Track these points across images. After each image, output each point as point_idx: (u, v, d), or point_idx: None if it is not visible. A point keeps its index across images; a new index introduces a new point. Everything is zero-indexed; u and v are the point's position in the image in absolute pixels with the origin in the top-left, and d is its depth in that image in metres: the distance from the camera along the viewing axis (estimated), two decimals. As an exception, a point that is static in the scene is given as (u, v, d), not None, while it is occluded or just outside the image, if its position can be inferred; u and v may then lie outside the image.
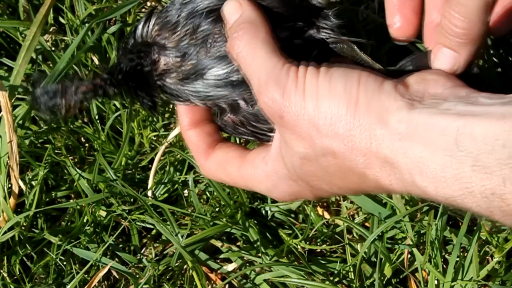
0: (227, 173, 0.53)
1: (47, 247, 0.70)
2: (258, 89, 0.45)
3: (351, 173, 0.44)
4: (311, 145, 0.44)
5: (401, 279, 0.69)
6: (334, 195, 0.49)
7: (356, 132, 0.42)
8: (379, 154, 0.41)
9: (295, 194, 0.49)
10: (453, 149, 0.38)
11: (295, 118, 0.44)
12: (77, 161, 0.76)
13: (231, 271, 0.70)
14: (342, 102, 0.42)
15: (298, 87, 0.44)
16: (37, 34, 0.71)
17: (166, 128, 0.76)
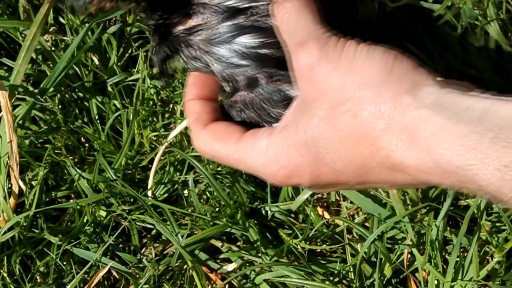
0: (223, 143, 0.50)
1: (47, 247, 0.70)
2: (297, 42, 0.46)
3: (364, 139, 0.43)
4: (333, 102, 0.44)
5: (401, 279, 0.69)
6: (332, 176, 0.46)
7: (383, 94, 0.42)
8: (401, 119, 0.41)
9: (293, 169, 0.47)
10: (476, 123, 0.39)
11: (326, 73, 0.44)
12: (77, 161, 0.76)
13: (231, 271, 0.70)
14: (377, 65, 0.43)
15: (338, 47, 0.44)
16: (37, 34, 0.71)
17: (166, 128, 0.76)
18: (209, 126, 0.52)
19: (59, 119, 0.75)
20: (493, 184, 0.38)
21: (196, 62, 0.52)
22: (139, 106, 0.74)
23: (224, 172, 0.71)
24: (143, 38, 0.80)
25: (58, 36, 0.79)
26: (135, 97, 0.74)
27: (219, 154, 0.51)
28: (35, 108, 0.75)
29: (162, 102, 0.77)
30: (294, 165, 0.47)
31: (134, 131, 0.74)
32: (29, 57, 0.71)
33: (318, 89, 0.44)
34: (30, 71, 0.77)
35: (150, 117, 0.75)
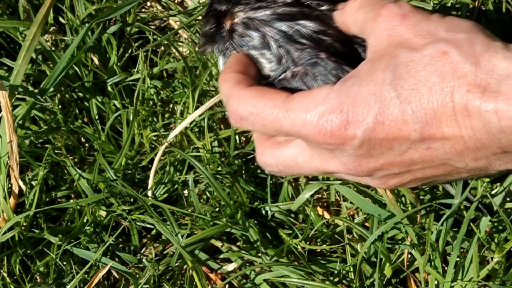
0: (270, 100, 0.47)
1: (47, 247, 0.70)
2: (387, 3, 0.47)
3: (447, 80, 0.42)
4: (422, 42, 0.44)
5: (401, 279, 0.69)
6: (393, 127, 0.43)
7: (475, 41, 0.43)
8: (489, 63, 0.42)
9: (354, 113, 0.44)
10: None
11: (419, 19, 0.45)
12: (77, 161, 0.76)
13: (231, 271, 0.70)
14: (469, 23, 0.45)
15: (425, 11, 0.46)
16: (37, 34, 0.71)
17: (166, 128, 0.76)
18: (253, 87, 0.49)
19: (59, 119, 0.75)
20: None
21: (254, 31, 0.53)
22: (139, 106, 0.74)
23: (224, 172, 0.71)
24: (143, 38, 0.80)
25: (58, 36, 0.79)
26: (135, 97, 0.74)
27: (262, 110, 0.47)
28: (35, 108, 0.75)
29: (162, 102, 0.77)
30: (359, 107, 0.44)
31: (134, 131, 0.74)
32: (29, 57, 0.71)
33: (404, 36, 0.45)
34: (30, 71, 0.77)
35: (150, 117, 0.75)
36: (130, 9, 0.77)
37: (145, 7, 0.82)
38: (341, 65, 0.50)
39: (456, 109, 0.42)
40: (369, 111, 0.44)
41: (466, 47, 0.43)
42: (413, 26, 0.45)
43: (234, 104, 0.48)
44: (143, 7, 0.82)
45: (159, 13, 0.81)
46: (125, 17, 0.79)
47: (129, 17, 0.80)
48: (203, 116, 0.72)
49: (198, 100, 0.73)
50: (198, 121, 0.74)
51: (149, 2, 0.82)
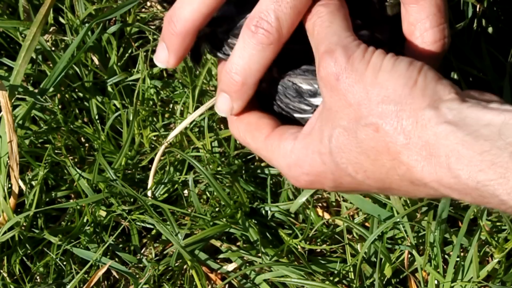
0: (253, 138, 0.51)
1: (47, 247, 0.70)
2: (325, 49, 0.45)
3: (386, 153, 0.43)
4: (356, 114, 0.44)
5: (401, 279, 0.69)
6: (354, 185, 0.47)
7: (406, 108, 0.42)
8: (422, 134, 0.41)
9: (315, 176, 0.47)
10: (496, 138, 0.39)
11: (351, 83, 0.44)
12: (77, 161, 0.76)
13: (231, 271, 0.70)
14: (401, 79, 0.43)
15: (365, 58, 0.44)
16: (37, 34, 0.71)
17: (166, 128, 0.76)
18: (242, 116, 0.52)
19: (59, 119, 0.75)
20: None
21: (220, 53, 0.52)
22: (139, 106, 0.74)
23: (224, 172, 0.71)
24: (143, 38, 0.80)
25: (58, 36, 0.79)
26: (135, 97, 0.74)
27: (249, 146, 0.52)
28: (35, 108, 0.75)
29: (162, 102, 0.77)
30: (317, 172, 0.47)
31: (134, 131, 0.74)
32: (29, 57, 0.71)
33: (342, 99, 0.44)
34: (30, 71, 0.77)
35: (150, 117, 0.75)
36: (130, 9, 0.77)
37: (145, 7, 0.82)
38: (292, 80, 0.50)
39: (404, 176, 0.43)
40: (327, 175, 0.47)
41: (395, 122, 0.42)
42: (346, 92, 0.44)
43: (232, 131, 0.53)
44: (143, 7, 0.82)
45: (159, 13, 0.81)
46: (125, 17, 0.79)
47: (129, 17, 0.80)
48: (203, 116, 0.72)
49: (198, 100, 0.73)
50: (198, 121, 0.74)
51: (149, 2, 0.82)
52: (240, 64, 0.48)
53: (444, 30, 0.49)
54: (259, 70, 0.48)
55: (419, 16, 0.49)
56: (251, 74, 0.48)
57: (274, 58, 0.48)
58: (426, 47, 0.49)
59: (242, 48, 0.48)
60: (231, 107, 0.51)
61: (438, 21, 0.49)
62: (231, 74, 0.49)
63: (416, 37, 0.49)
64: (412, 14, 0.49)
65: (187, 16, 0.48)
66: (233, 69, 0.48)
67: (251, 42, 0.47)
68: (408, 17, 0.49)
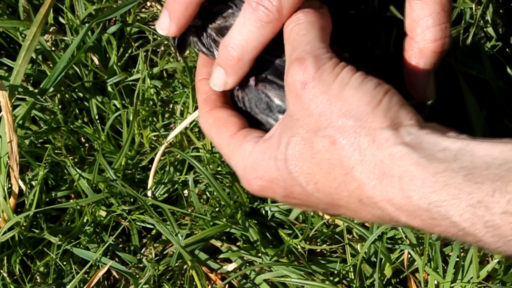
0: (218, 133, 0.51)
1: (47, 247, 0.70)
2: (296, 57, 0.45)
3: (339, 167, 0.43)
4: (316, 124, 0.44)
5: (401, 279, 0.69)
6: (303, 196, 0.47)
7: (365, 126, 0.42)
8: (377, 153, 0.42)
9: (268, 181, 0.47)
10: (450, 161, 0.39)
11: (316, 93, 0.44)
12: (77, 161, 0.76)
13: (231, 271, 0.70)
14: (366, 97, 0.43)
15: (334, 71, 0.44)
16: (37, 34, 0.71)
17: (166, 128, 0.76)
18: (213, 110, 0.52)
19: (59, 119, 0.75)
20: (466, 220, 0.38)
21: (204, 47, 0.52)
22: (139, 106, 0.74)
23: (224, 172, 0.71)
24: (143, 38, 0.80)
25: (58, 36, 0.79)
26: (135, 97, 0.74)
27: (213, 140, 0.52)
28: (35, 108, 0.75)
29: (162, 102, 0.77)
30: (270, 178, 0.47)
31: (134, 131, 0.74)
32: (29, 57, 0.71)
33: (305, 108, 0.44)
34: (30, 71, 0.77)
35: (150, 117, 0.75)
36: (130, 9, 0.77)
37: (145, 7, 0.82)
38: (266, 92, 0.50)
39: (354, 193, 0.43)
40: (279, 183, 0.47)
41: (352, 138, 0.42)
42: (310, 101, 0.44)
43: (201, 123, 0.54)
44: (143, 7, 0.82)
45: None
46: (125, 17, 0.80)
47: (129, 17, 0.80)
48: (203, 116, 0.72)
49: (198, 100, 0.73)
50: (198, 121, 0.74)
51: (149, 2, 0.82)
52: (238, 39, 0.48)
53: (446, 29, 0.49)
54: (256, 47, 0.48)
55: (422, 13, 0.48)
56: (247, 51, 0.48)
57: (272, 37, 0.48)
58: (426, 45, 0.49)
59: (242, 24, 0.47)
60: (225, 82, 0.50)
61: (441, 20, 0.49)
62: (228, 48, 0.48)
63: (417, 33, 0.49)
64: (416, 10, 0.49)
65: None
66: (230, 44, 0.48)
67: (251, 19, 0.47)
68: (412, 13, 0.49)
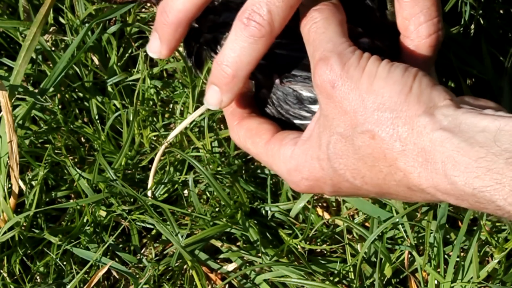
0: (253, 143, 0.51)
1: (47, 247, 0.70)
2: (320, 57, 0.45)
3: (383, 159, 0.43)
4: (352, 121, 0.44)
5: (401, 279, 0.69)
6: (353, 190, 0.47)
7: (401, 115, 0.43)
8: (418, 141, 0.42)
9: (314, 181, 0.48)
10: (491, 144, 0.39)
11: (346, 91, 0.44)
12: (77, 161, 0.76)
13: (231, 271, 0.70)
14: (396, 86, 0.43)
15: (360, 64, 0.44)
16: (37, 34, 0.71)
17: (166, 128, 0.76)
18: (243, 122, 0.52)
19: (59, 119, 0.75)
20: (509, 204, 0.38)
21: None
22: (139, 106, 0.74)
23: (224, 172, 0.71)
24: (143, 38, 0.80)
25: (58, 36, 0.79)
26: (135, 97, 0.74)
27: (250, 151, 0.52)
28: (35, 108, 0.75)
29: (162, 102, 0.77)
30: (316, 177, 0.48)
31: (134, 131, 0.74)
32: (29, 57, 0.71)
33: (338, 106, 0.45)
34: (30, 71, 0.77)
35: (150, 117, 0.75)
36: (130, 9, 0.77)
37: (145, 7, 0.82)
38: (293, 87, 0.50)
39: (401, 181, 0.44)
40: (326, 180, 0.47)
41: (391, 130, 0.43)
42: (342, 99, 0.44)
43: (232, 136, 0.53)
44: (143, 7, 0.82)
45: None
46: (125, 17, 0.79)
47: (129, 17, 0.80)
48: (203, 116, 0.72)
49: (198, 100, 0.73)
50: (198, 121, 0.74)
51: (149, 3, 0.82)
52: (232, 56, 0.47)
53: (439, 23, 0.49)
54: (250, 63, 0.48)
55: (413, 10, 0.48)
56: (242, 67, 0.48)
57: (265, 51, 0.47)
58: (422, 41, 0.49)
59: (234, 40, 0.47)
60: (220, 100, 0.50)
61: (432, 15, 0.49)
62: (222, 66, 0.48)
63: (411, 31, 0.49)
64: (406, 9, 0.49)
65: (180, 6, 0.48)
66: (224, 61, 0.48)
67: (243, 35, 0.47)
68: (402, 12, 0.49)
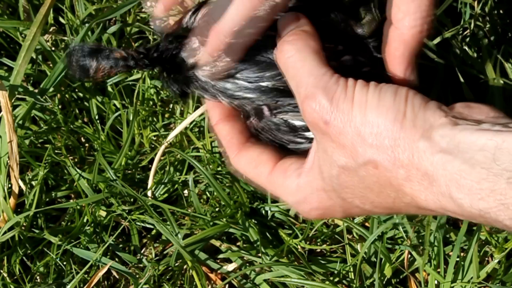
0: (256, 174, 0.52)
1: (47, 247, 0.70)
2: (305, 94, 0.45)
3: (389, 186, 0.44)
4: (352, 155, 0.44)
5: (401, 279, 0.69)
6: (364, 213, 0.48)
7: (400, 143, 0.43)
8: (420, 166, 0.42)
9: (325, 209, 0.49)
10: (491, 163, 0.39)
11: (341, 126, 0.44)
12: (77, 161, 0.76)
13: (231, 271, 0.70)
14: (390, 114, 0.43)
15: (348, 95, 0.44)
16: (37, 34, 0.71)
17: (166, 128, 0.76)
18: (241, 153, 0.52)
19: (59, 119, 0.75)
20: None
21: (206, 93, 0.52)
22: (139, 106, 0.74)
23: (224, 172, 0.71)
24: (143, 38, 0.80)
25: (58, 36, 0.79)
26: (135, 97, 0.74)
27: (254, 181, 0.52)
28: (35, 108, 0.75)
29: (162, 102, 0.77)
30: (326, 207, 0.48)
31: (134, 131, 0.74)
32: (29, 57, 0.71)
33: (335, 141, 0.45)
34: (30, 71, 0.77)
35: (150, 117, 0.75)
36: (130, 9, 0.77)
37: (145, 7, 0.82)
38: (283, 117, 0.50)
39: (410, 204, 0.44)
40: (336, 208, 0.48)
41: (392, 158, 0.43)
42: (338, 135, 0.44)
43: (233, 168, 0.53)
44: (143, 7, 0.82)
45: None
46: (125, 17, 0.79)
47: (129, 17, 0.80)
48: (203, 116, 0.72)
49: (198, 100, 0.73)
50: (198, 121, 0.74)
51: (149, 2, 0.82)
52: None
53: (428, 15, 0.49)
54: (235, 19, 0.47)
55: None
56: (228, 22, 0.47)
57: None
58: (409, 30, 0.49)
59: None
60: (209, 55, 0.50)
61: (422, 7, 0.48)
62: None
63: (398, 19, 0.48)
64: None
65: None
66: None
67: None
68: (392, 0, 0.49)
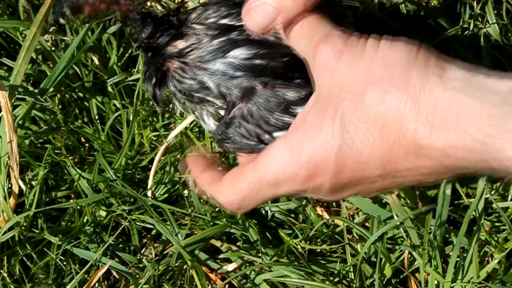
0: (241, 179, 0.52)
1: (47, 247, 0.70)
2: (319, 39, 0.46)
3: (393, 123, 0.43)
4: (360, 88, 0.44)
5: (401, 279, 0.69)
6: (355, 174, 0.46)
7: (412, 75, 0.43)
8: (429, 100, 0.42)
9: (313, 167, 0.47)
10: (502, 102, 0.40)
11: (350, 62, 0.45)
12: (77, 161, 0.76)
13: (231, 271, 0.70)
14: (402, 52, 0.44)
15: (360, 41, 0.46)
16: (37, 34, 0.71)
17: (166, 128, 0.76)
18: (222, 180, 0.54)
19: (59, 119, 0.75)
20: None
21: (192, 81, 0.52)
22: (139, 106, 0.74)
23: (224, 172, 0.71)
24: (143, 38, 0.80)
25: (58, 36, 0.79)
26: (135, 97, 0.74)
27: (245, 190, 0.52)
28: (35, 108, 0.75)
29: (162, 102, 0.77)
30: (316, 161, 0.47)
31: (134, 131, 0.74)
32: (29, 57, 0.71)
33: (343, 78, 0.45)
34: (30, 71, 0.77)
35: (150, 117, 0.75)
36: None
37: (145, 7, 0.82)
38: (276, 91, 0.50)
39: (409, 147, 0.43)
40: (329, 161, 0.46)
41: (403, 86, 0.43)
42: (350, 66, 0.45)
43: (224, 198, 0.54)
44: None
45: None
46: (125, 17, 0.79)
47: (129, 17, 0.79)
48: (203, 116, 0.72)
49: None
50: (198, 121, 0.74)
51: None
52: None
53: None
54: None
55: None
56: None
57: None
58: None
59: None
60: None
61: None
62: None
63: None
64: None
65: None
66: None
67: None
68: None
